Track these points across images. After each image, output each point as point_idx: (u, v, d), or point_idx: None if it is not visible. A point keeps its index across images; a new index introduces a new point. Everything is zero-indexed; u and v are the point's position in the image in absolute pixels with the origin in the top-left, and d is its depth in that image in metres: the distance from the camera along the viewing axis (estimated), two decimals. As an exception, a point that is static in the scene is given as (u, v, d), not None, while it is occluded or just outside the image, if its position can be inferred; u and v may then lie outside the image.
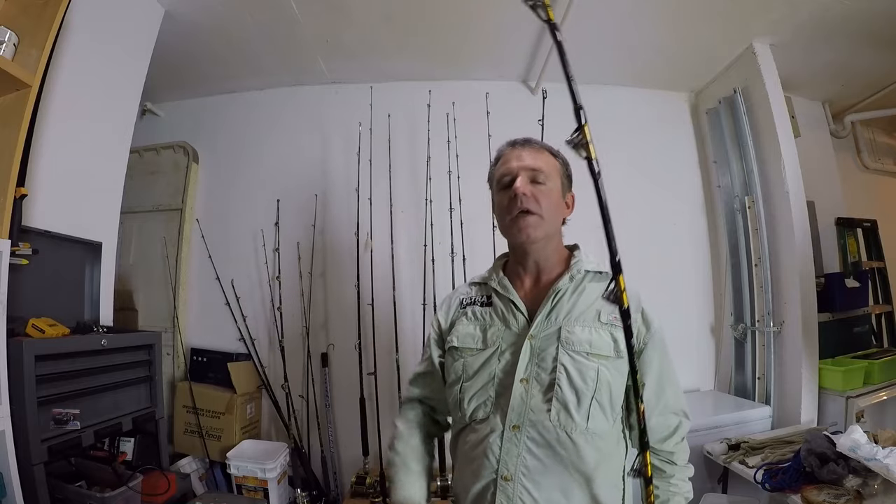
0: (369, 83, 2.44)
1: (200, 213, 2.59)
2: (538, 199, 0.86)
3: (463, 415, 0.88)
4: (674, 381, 0.91)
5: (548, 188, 0.88)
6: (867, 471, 1.36)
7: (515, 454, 0.80)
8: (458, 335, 0.92)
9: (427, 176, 2.27)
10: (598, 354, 0.82)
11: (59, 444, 1.25)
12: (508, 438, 0.81)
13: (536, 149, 0.92)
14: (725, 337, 2.47)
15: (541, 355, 0.83)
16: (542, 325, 0.85)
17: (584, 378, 0.81)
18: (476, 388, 0.86)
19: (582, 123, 0.71)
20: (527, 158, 0.89)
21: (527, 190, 0.86)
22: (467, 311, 0.95)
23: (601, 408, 0.81)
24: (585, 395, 0.80)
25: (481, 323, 0.91)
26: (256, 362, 2.37)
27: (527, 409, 0.81)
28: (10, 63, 1.23)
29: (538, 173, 0.88)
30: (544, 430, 0.80)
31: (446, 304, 1.01)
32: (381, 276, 2.24)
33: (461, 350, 0.90)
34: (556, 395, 0.80)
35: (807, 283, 2.08)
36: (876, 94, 2.81)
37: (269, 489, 1.97)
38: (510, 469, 0.80)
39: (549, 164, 0.91)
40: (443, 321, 0.99)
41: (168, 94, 2.66)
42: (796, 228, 2.08)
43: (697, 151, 2.68)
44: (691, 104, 2.73)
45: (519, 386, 0.82)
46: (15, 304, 1.23)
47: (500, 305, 0.91)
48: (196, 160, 2.64)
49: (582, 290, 0.88)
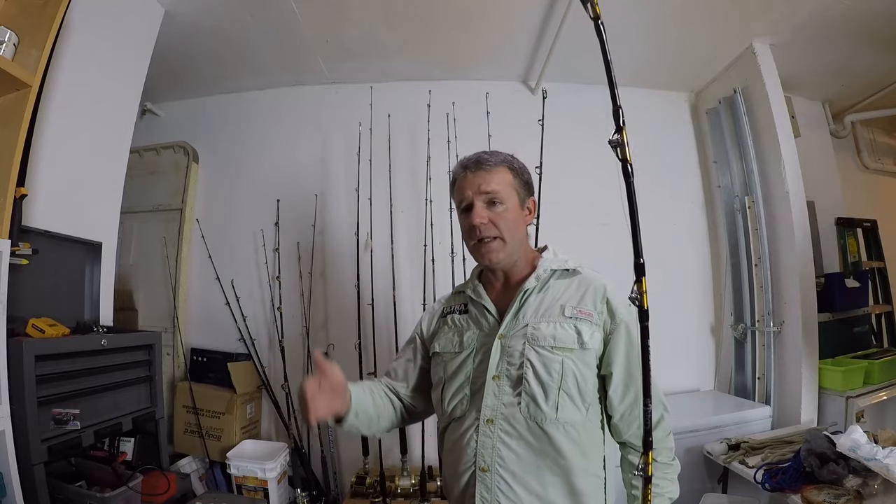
0: (369, 83, 2.44)
1: (200, 213, 2.59)
2: (496, 224, 0.90)
3: (444, 413, 0.94)
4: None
5: (504, 208, 0.91)
6: (867, 471, 1.36)
7: (490, 446, 0.85)
8: (439, 342, 0.99)
9: (427, 176, 2.26)
10: (562, 347, 0.87)
11: (59, 444, 1.25)
12: (483, 432, 0.86)
13: (489, 169, 0.92)
14: (725, 337, 2.47)
15: (510, 352, 0.88)
16: (510, 325, 0.91)
17: (549, 371, 0.85)
18: (454, 388, 0.92)
19: (621, 125, 0.70)
20: (480, 184, 0.91)
21: (483, 219, 0.90)
22: (447, 320, 1.02)
23: (570, 398, 0.85)
24: (552, 386, 0.85)
25: (458, 329, 0.98)
26: (256, 362, 2.37)
27: (499, 404, 0.86)
28: (10, 63, 1.23)
29: (493, 195, 0.91)
30: (516, 422, 0.85)
31: (429, 314, 1.08)
32: (381, 276, 2.24)
33: (442, 354, 0.97)
34: (524, 388, 0.85)
35: (807, 283, 2.08)
36: (876, 94, 2.81)
37: (269, 489, 1.97)
38: (486, 460, 0.85)
39: (504, 181, 0.93)
40: (425, 329, 1.06)
41: (168, 94, 2.66)
42: (796, 228, 2.08)
43: (697, 151, 2.68)
44: (691, 104, 2.73)
45: (491, 383, 0.88)
46: (15, 304, 1.23)
47: (474, 311, 0.98)
48: (196, 160, 2.64)
49: (548, 288, 0.94)
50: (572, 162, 2.38)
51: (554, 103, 2.06)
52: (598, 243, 2.28)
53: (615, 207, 2.41)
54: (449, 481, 0.95)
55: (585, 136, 2.42)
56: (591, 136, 2.47)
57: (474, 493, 0.85)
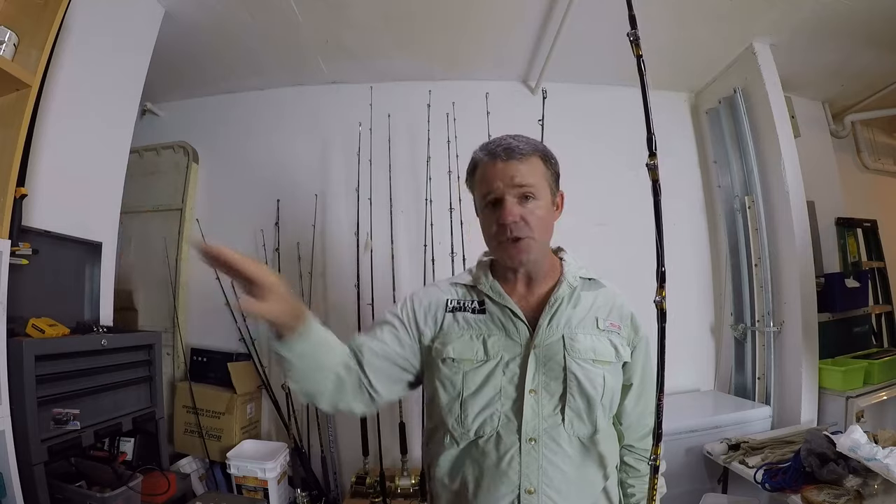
0: (369, 83, 2.44)
1: (200, 213, 2.59)
2: (528, 221, 0.80)
3: (466, 430, 0.82)
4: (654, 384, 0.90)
5: (538, 205, 0.81)
6: (867, 471, 1.36)
7: (536, 467, 0.79)
8: (453, 346, 0.84)
9: (427, 176, 2.26)
10: (603, 361, 0.83)
11: (59, 444, 1.26)
12: (527, 452, 0.79)
13: (521, 158, 0.81)
14: (725, 337, 2.47)
15: (548, 364, 0.82)
16: (545, 334, 0.83)
17: (593, 385, 0.81)
18: (481, 404, 0.81)
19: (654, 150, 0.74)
20: (514, 175, 0.80)
21: (516, 216, 0.79)
22: (458, 318, 0.87)
23: (604, 410, 0.83)
24: (595, 400, 0.81)
25: (477, 332, 0.85)
26: (256, 362, 2.36)
27: (540, 420, 0.80)
28: (10, 63, 1.23)
29: (528, 190, 0.80)
30: (560, 438, 0.80)
31: (426, 302, 0.91)
32: (381, 276, 2.24)
33: (460, 362, 0.83)
34: (568, 403, 0.80)
35: (807, 283, 2.08)
36: (876, 94, 2.81)
37: (269, 489, 1.97)
38: (533, 482, 0.78)
39: (538, 172, 0.83)
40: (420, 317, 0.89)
41: (168, 94, 2.66)
42: (796, 228, 2.08)
43: (697, 151, 2.68)
44: (691, 104, 2.73)
45: (529, 397, 0.80)
46: (15, 304, 1.23)
47: (496, 313, 0.86)
48: (196, 160, 2.64)
49: (578, 298, 0.87)
50: (572, 162, 2.37)
51: (554, 103, 2.06)
52: (598, 243, 2.28)
53: (614, 208, 2.41)
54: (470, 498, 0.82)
55: (585, 137, 2.42)
56: (591, 136, 2.48)
57: None
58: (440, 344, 0.86)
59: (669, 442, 1.73)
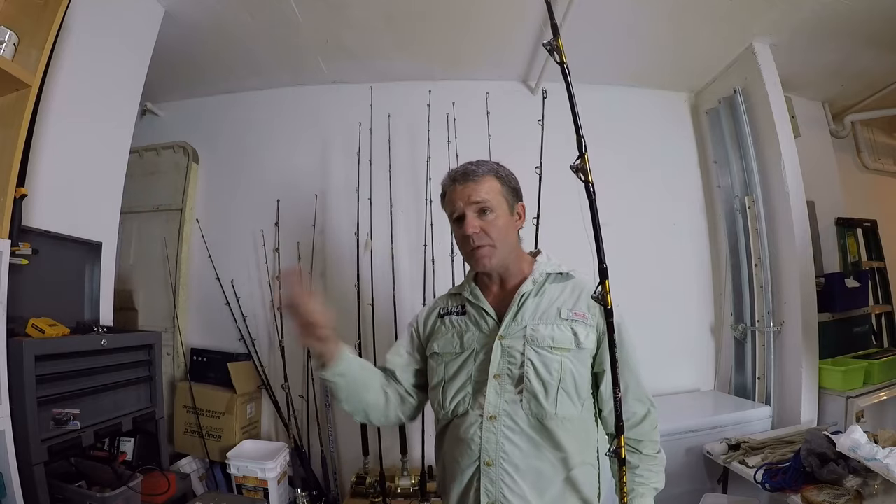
0: (369, 83, 2.44)
1: (200, 213, 2.59)
2: (488, 232, 0.94)
3: (446, 412, 0.96)
4: (634, 370, 0.97)
5: (495, 216, 0.95)
6: (867, 471, 1.36)
7: (494, 441, 0.89)
8: (438, 343, 1.01)
9: (427, 176, 2.26)
10: (561, 348, 0.91)
11: (59, 444, 1.25)
12: (487, 428, 0.90)
13: (476, 179, 0.96)
14: (725, 337, 2.47)
15: (510, 353, 0.93)
16: (509, 326, 0.95)
17: (548, 370, 0.90)
18: (456, 387, 0.95)
19: (583, 152, 0.83)
20: (470, 194, 0.95)
21: (476, 228, 0.94)
22: (445, 321, 1.05)
23: (567, 395, 0.90)
24: (551, 384, 0.89)
25: (458, 330, 1.01)
26: (256, 362, 2.37)
27: (501, 401, 0.90)
28: (10, 63, 1.23)
29: (483, 204, 0.95)
30: (518, 418, 0.89)
31: (426, 313, 1.11)
32: (381, 276, 2.24)
33: (442, 355, 1.00)
34: (525, 386, 0.90)
35: (807, 283, 2.08)
36: (876, 94, 2.81)
37: (269, 489, 1.97)
38: (491, 455, 0.89)
39: (492, 190, 0.96)
40: (421, 328, 1.09)
41: (168, 94, 2.66)
42: (796, 228, 2.08)
43: (697, 151, 2.68)
44: (691, 104, 2.73)
45: (493, 381, 0.92)
46: (15, 304, 1.23)
47: (473, 313, 1.01)
48: (196, 160, 2.64)
49: (544, 292, 0.98)
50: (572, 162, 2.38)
51: (554, 103, 2.06)
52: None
53: (615, 207, 2.41)
54: (449, 476, 0.96)
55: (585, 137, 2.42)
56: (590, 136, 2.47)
57: (479, 487, 0.89)
58: (431, 343, 1.04)
59: (669, 442, 1.72)
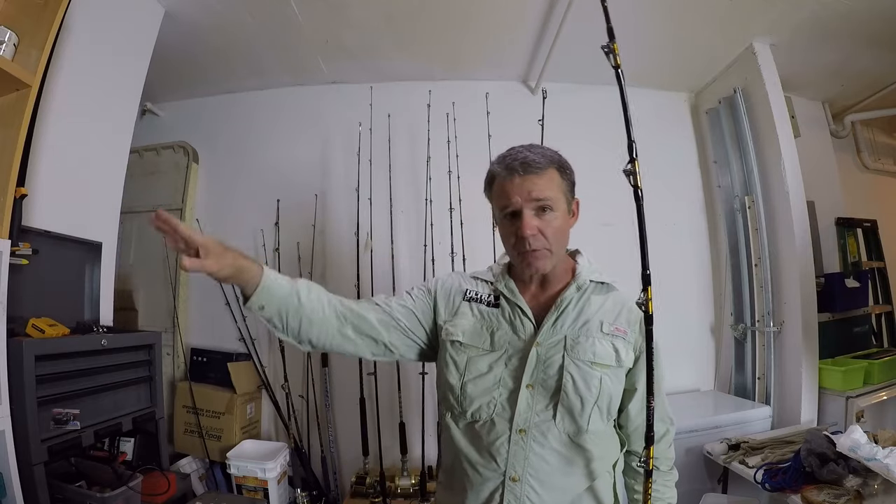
0: (369, 83, 2.43)
1: (200, 213, 2.59)
2: (545, 233, 0.84)
3: (463, 411, 0.88)
4: (662, 391, 0.94)
5: (554, 216, 0.85)
6: (867, 471, 1.36)
7: (523, 457, 0.82)
8: (462, 330, 0.90)
9: (427, 176, 2.26)
10: (602, 364, 0.85)
11: (59, 444, 1.26)
12: (515, 441, 0.83)
13: (539, 172, 0.84)
14: (725, 337, 2.47)
15: (546, 362, 0.85)
16: (548, 333, 0.87)
17: (588, 386, 0.83)
18: (481, 389, 0.86)
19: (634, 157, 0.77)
20: (531, 190, 0.83)
21: (534, 230, 0.83)
22: (472, 307, 0.93)
23: (600, 412, 0.85)
24: (588, 401, 0.83)
25: (488, 323, 0.91)
26: (256, 362, 2.37)
27: (532, 414, 0.83)
28: (10, 63, 1.23)
29: (544, 202, 0.84)
30: (549, 433, 0.83)
31: (449, 285, 0.97)
32: (381, 276, 2.24)
33: (467, 347, 0.89)
34: (561, 401, 0.83)
35: (807, 283, 2.08)
36: (876, 94, 2.80)
37: (269, 489, 1.97)
38: (518, 470, 0.82)
39: (554, 184, 0.85)
40: (441, 300, 0.95)
41: (168, 94, 2.66)
42: (796, 228, 2.08)
43: (697, 151, 2.68)
44: (691, 104, 2.73)
45: (525, 391, 0.84)
46: (15, 304, 1.23)
47: (507, 309, 0.91)
48: (196, 160, 2.64)
49: (586, 301, 0.90)
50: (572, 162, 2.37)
51: (554, 103, 2.06)
52: (601, 244, 2.27)
53: (617, 208, 2.40)
54: (467, 480, 0.87)
55: (586, 136, 2.41)
56: (591, 136, 2.47)
57: (501, 501, 0.83)
58: (451, 326, 0.92)
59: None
